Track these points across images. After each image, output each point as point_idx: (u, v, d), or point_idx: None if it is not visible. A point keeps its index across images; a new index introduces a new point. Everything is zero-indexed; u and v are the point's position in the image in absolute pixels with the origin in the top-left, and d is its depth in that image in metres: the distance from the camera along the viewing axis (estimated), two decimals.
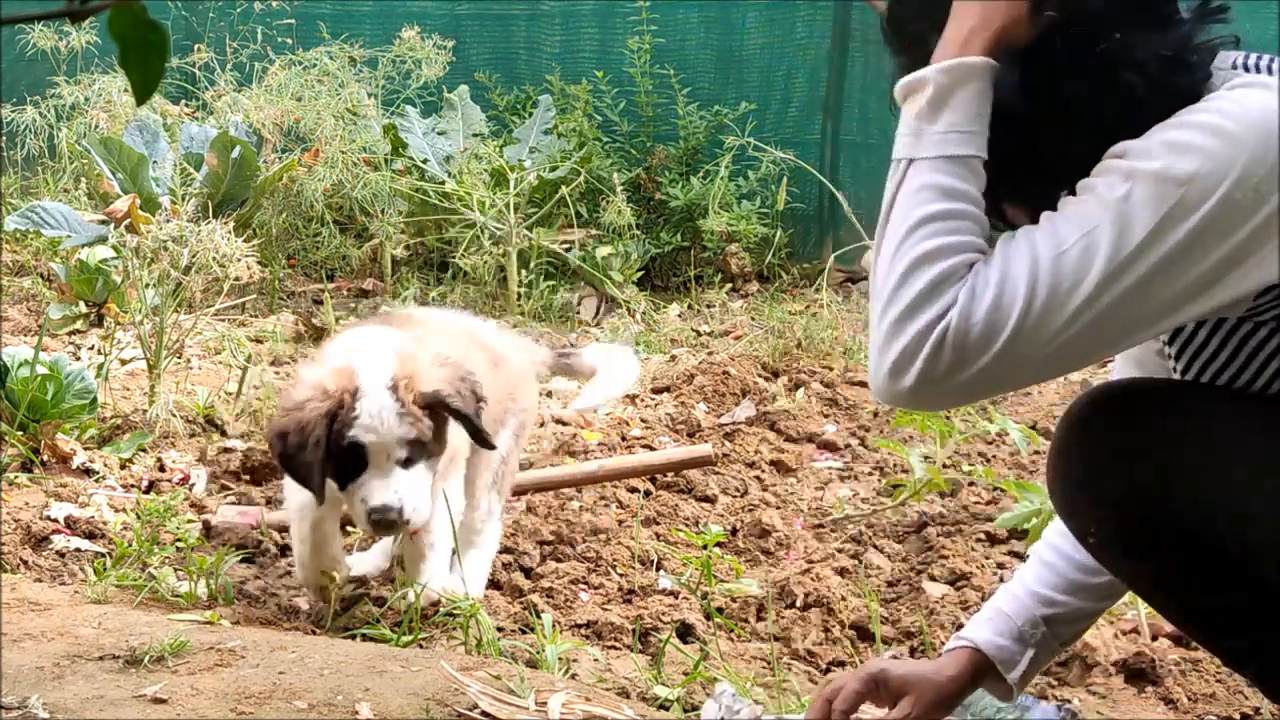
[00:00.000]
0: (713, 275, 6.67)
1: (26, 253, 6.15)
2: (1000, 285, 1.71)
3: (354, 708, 2.30)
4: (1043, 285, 1.70)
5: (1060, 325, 1.71)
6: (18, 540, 3.17)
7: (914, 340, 1.72)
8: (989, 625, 2.20)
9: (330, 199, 6.43)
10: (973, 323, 1.70)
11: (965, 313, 1.71)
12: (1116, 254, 1.70)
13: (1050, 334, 1.71)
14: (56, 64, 7.01)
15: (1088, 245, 1.70)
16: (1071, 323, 1.71)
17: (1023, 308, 1.70)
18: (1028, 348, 1.71)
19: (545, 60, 7.39)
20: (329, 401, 2.67)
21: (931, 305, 1.72)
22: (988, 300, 1.71)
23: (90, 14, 1.09)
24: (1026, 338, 1.71)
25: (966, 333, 1.71)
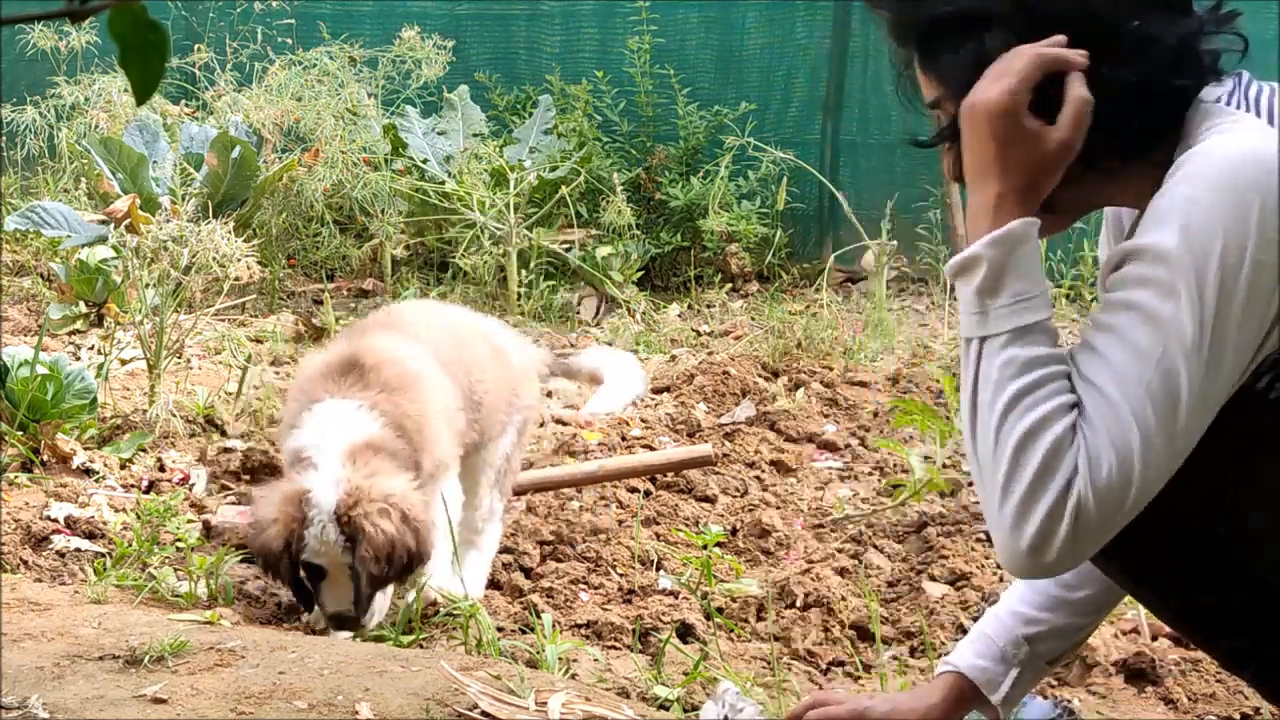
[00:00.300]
0: (713, 275, 6.67)
1: (26, 253, 6.15)
2: (1114, 442, 1.73)
3: (354, 708, 2.30)
4: (1149, 424, 1.73)
5: (1177, 445, 1.75)
6: (18, 540, 3.17)
7: (1048, 518, 1.74)
8: (970, 648, 2.20)
9: (330, 199, 6.43)
10: (1103, 486, 1.73)
11: (1091, 479, 1.73)
12: (1192, 364, 1.72)
13: (1171, 456, 1.75)
14: (56, 64, 7.01)
15: (1166, 369, 1.72)
16: (1184, 434, 1.74)
17: (1141, 453, 1.73)
18: (1155, 476, 1.75)
19: (545, 60, 7.39)
20: (282, 530, 2.83)
21: (1054, 479, 1.74)
22: (1109, 460, 1.73)
23: (90, 14, 1.09)
24: (1153, 474, 1.74)
25: (1101, 497, 1.73)
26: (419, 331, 3.23)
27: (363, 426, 2.90)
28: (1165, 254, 1.73)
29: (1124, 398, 1.74)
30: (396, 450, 2.92)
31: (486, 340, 3.41)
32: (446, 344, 3.24)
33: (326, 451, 2.85)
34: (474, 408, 3.23)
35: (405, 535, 2.81)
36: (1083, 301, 6.38)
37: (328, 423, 2.91)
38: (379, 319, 3.33)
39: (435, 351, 3.17)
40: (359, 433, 2.89)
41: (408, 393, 2.99)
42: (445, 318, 3.45)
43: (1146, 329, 1.74)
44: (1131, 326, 1.75)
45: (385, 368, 3.00)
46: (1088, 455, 1.73)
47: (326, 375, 3.00)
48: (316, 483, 2.82)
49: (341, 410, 2.92)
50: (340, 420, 2.91)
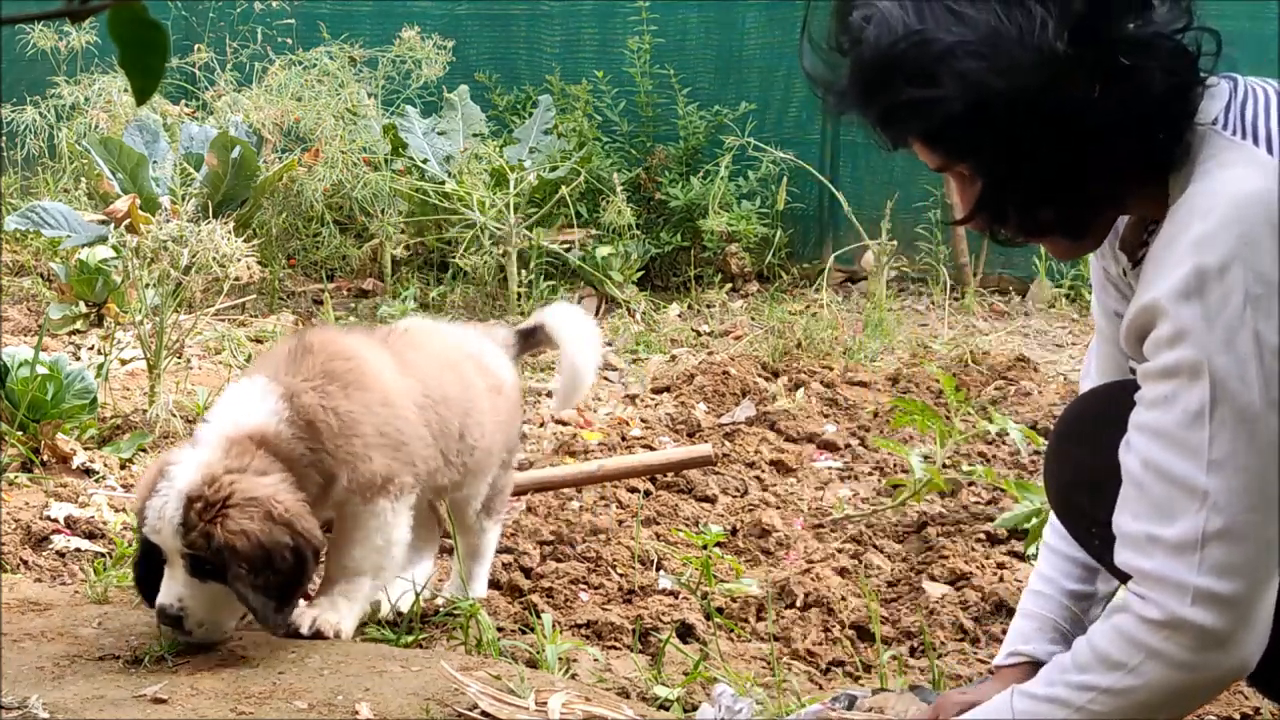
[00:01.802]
0: (713, 275, 6.67)
1: (26, 253, 6.15)
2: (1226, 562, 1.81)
3: (354, 708, 2.30)
4: (1230, 521, 1.80)
5: (1268, 520, 1.81)
6: (18, 540, 3.17)
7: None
8: (1039, 636, 2.25)
9: (330, 199, 6.43)
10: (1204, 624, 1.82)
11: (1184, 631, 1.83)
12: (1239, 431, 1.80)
13: (1266, 535, 1.82)
14: (56, 64, 7.01)
15: (1232, 464, 1.80)
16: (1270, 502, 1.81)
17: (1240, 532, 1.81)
18: (1262, 555, 1.83)
19: (545, 60, 7.38)
20: (138, 497, 2.63)
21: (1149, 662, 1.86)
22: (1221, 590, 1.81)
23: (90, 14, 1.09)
24: (1257, 560, 1.82)
25: (1206, 630, 1.82)
26: (412, 359, 2.91)
27: (258, 414, 2.61)
28: (1187, 331, 1.78)
29: (1204, 501, 1.80)
30: (290, 451, 2.60)
31: (485, 372, 3.09)
32: (444, 377, 2.94)
33: (211, 433, 2.58)
34: (464, 450, 2.93)
35: (276, 533, 2.48)
36: (1082, 301, 6.39)
37: (231, 402, 2.66)
38: (381, 334, 3.02)
39: (424, 380, 2.86)
40: (251, 420, 2.60)
41: (347, 391, 2.68)
42: (440, 342, 3.10)
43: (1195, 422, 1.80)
44: (1177, 430, 1.82)
45: (331, 360, 2.71)
46: (1175, 618, 1.83)
47: (275, 356, 2.79)
48: (182, 458, 2.55)
49: (248, 391, 2.65)
50: (242, 402, 2.64)
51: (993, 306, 6.52)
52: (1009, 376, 5.09)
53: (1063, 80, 1.81)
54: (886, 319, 5.90)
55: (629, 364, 5.49)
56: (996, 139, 1.86)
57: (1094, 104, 1.82)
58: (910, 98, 1.87)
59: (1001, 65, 1.81)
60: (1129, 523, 1.87)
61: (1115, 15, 1.82)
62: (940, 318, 6.26)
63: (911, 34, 1.84)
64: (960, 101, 1.83)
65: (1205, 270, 1.77)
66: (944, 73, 1.82)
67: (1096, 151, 1.86)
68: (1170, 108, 1.85)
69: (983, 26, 1.82)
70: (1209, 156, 1.85)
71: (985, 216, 1.95)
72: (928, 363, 5.25)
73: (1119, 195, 1.95)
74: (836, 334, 5.58)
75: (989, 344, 5.73)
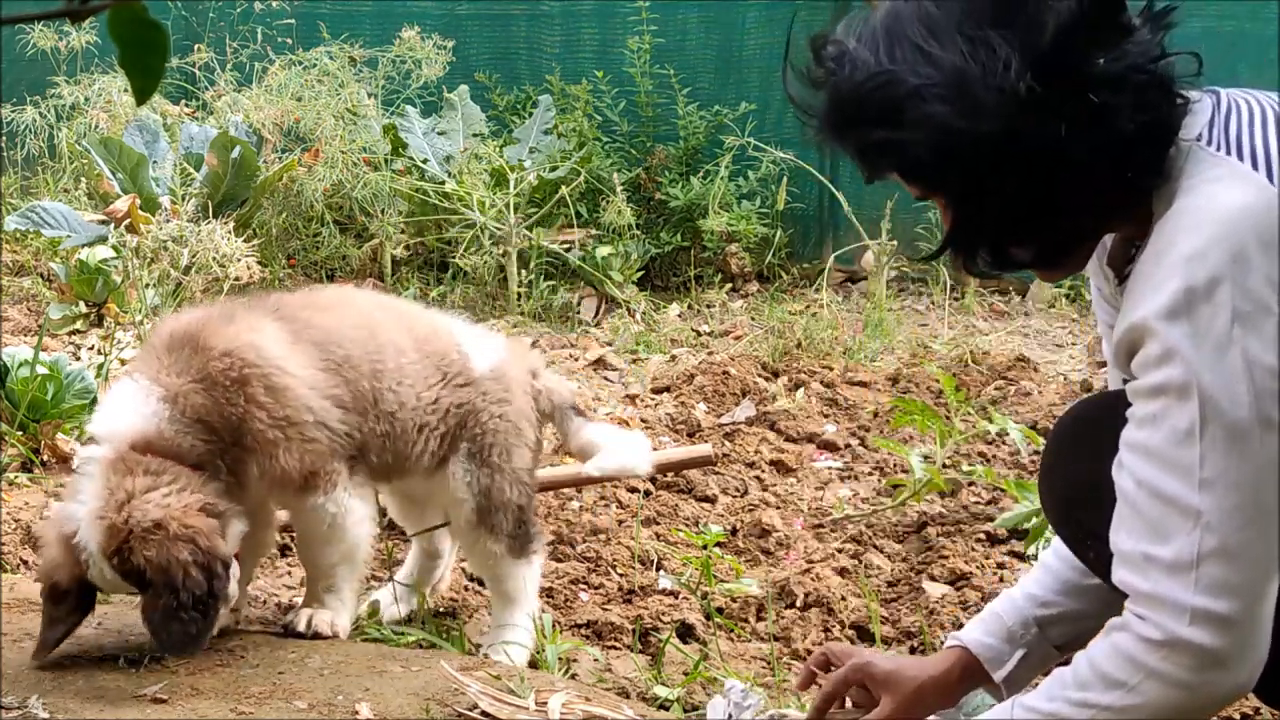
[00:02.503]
0: (713, 275, 6.67)
1: (26, 253, 6.15)
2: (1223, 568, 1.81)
3: (354, 708, 2.30)
4: (1224, 540, 1.80)
5: (1262, 538, 1.81)
6: (18, 540, 3.17)
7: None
8: (980, 625, 2.24)
9: (330, 199, 6.42)
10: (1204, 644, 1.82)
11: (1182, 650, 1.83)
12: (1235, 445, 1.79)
13: (1261, 552, 1.81)
14: (56, 64, 7.00)
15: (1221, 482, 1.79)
16: (1264, 525, 1.81)
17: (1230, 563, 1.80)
18: (1258, 573, 1.82)
19: (545, 60, 7.38)
20: (67, 574, 2.50)
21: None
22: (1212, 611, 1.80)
23: (90, 14, 1.09)
24: (1253, 578, 1.82)
25: (1206, 649, 1.82)
26: (307, 319, 2.70)
27: (144, 419, 2.48)
28: (1175, 352, 1.78)
29: (1199, 520, 1.80)
30: (179, 448, 2.49)
31: (413, 333, 2.82)
32: (347, 337, 2.70)
33: (97, 459, 2.48)
34: (381, 416, 2.70)
35: (178, 552, 2.39)
36: (1082, 301, 6.38)
37: (115, 410, 2.54)
38: (271, 302, 2.76)
39: (323, 344, 2.66)
40: (137, 427, 2.48)
41: (232, 392, 2.54)
42: (358, 307, 2.86)
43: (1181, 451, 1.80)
44: (1169, 447, 1.81)
45: (220, 357, 2.54)
46: (1172, 638, 1.82)
47: (155, 347, 2.59)
48: (81, 519, 2.43)
49: (131, 394, 2.52)
50: (126, 409, 2.51)
51: (993, 306, 6.51)
52: (1009, 376, 5.09)
53: (1026, 122, 1.80)
54: (886, 319, 5.90)
55: (629, 364, 5.49)
56: (963, 179, 1.87)
57: (1061, 143, 1.81)
58: (877, 139, 1.89)
59: (965, 108, 1.81)
60: (1124, 541, 1.88)
61: (1085, 50, 1.81)
62: (940, 318, 6.26)
63: (877, 75, 1.85)
64: (925, 144, 1.84)
65: (1193, 288, 1.76)
66: (908, 116, 1.83)
67: (1065, 190, 1.86)
68: (1141, 145, 1.84)
69: (948, 67, 1.81)
70: (1194, 173, 1.84)
71: (956, 252, 1.95)
72: (928, 363, 5.25)
73: (1093, 227, 1.96)
74: (836, 334, 5.58)
75: (989, 344, 5.73)
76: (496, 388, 2.86)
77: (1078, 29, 1.81)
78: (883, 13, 1.90)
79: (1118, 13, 1.85)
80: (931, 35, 1.83)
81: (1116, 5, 1.85)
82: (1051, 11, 1.81)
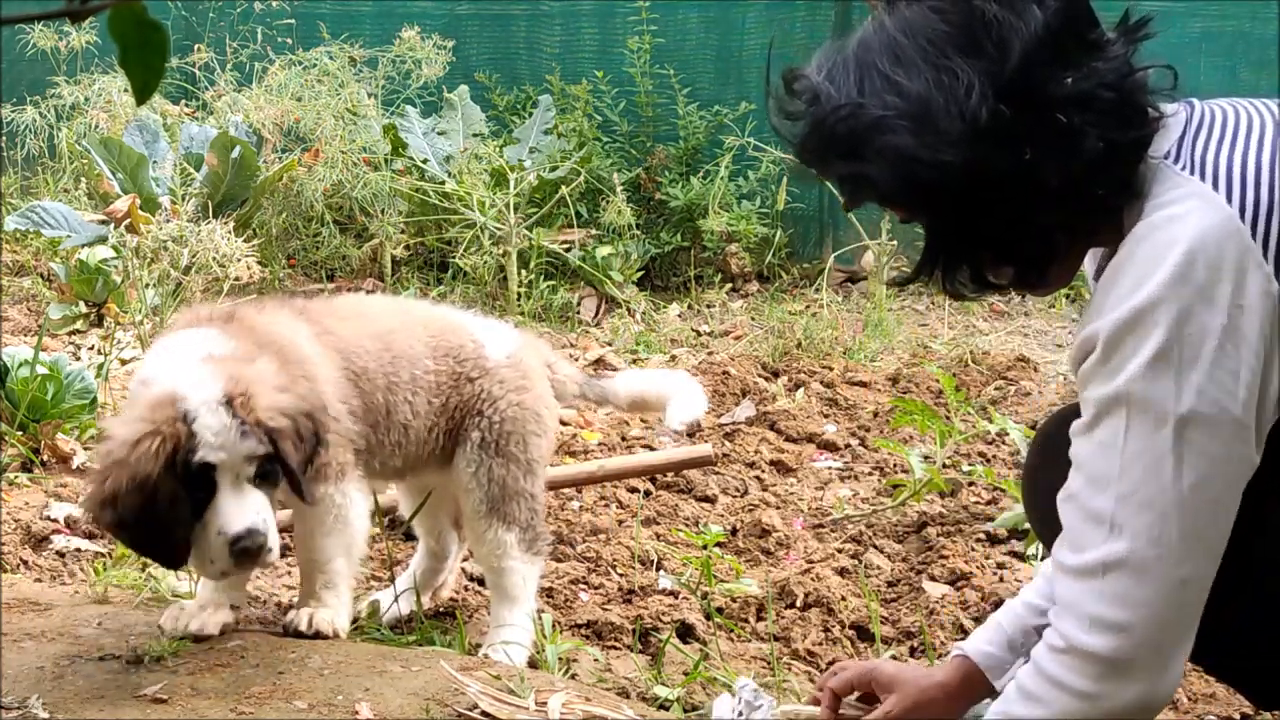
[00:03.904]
0: (713, 275, 6.67)
1: (26, 253, 6.15)
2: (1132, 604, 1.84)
3: (354, 708, 2.30)
4: (1131, 553, 1.82)
5: (1176, 558, 1.82)
6: (18, 540, 3.17)
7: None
8: (982, 634, 2.25)
9: (330, 199, 6.42)
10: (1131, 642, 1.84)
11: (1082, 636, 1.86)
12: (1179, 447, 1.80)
13: (1175, 574, 1.82)
14: (56, 64, 7.00)
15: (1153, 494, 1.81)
16: (1197, 531, 1.82)
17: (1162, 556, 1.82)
18: (1169, 594, 1.84)
19: (545, 60, 7.38)
20: (156, 439, 2.27)
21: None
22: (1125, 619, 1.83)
23: (90, 14, 1.09)
24: (1162, 597, 1.83)
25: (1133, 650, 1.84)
26: (329, 326, 2.70)
27: (221, 345, 2.44)
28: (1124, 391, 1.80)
29: (1164, 529, 1.81)
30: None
31: (429, 337, 2.82)
32: (361, 349, 2.71)
33: (182, 361, 2.38)
34: (394, 428, 2.72)
35: (300, 404, 2.39)
36: (1082, 301, 6.38)
37: (178, 346, 2.44)
38: (298, 305, 2.75)
39: (344, 354, 2.67)
40: (218, 349, 2.42)
41: (285, 363, 2.52)
42: (374, 318, 2.83)
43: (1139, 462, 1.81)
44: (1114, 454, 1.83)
45: (258, 330, 2.54)
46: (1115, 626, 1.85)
47: (187, 320, 2.55)
48: (183, 380, 2.32)
49: (194, 336, 2.45)
50: (194, 342, 2.44)
51: (993, 306, 6.51)
52: (1009, 376, 5.09)
53: (990, 148, 1.81)
54: (886, 319, 5.90)
55: (629, 364, 5.49)
56: (929, 208, 1.89)
57: (1028, 166, 1.82)
58: (845, 172, 1.91)
59: (928, 137, 1.82)
60: (1055, 551, 1.92)
61: (1052, 71, 1.81)
62: (940, 318, 6.26)
63: (841, 109, 1.86)
64: (887, 175, 1.85)
65: (1139, 307, 1.78)
66: (871, 148, 1.85)
67: (1035, 211, 1.86)
68: (1111, 163, 1.84)
69: (912, 94, 1.83)
70: (1158, 194, 1.85)
71: (933, 275, 1.96)
72: (928, 363, 5.25)
73: (1068, 245, 1.96)
74: (836, 334, 5.58)
75: (989, 344, 5.74)
76: (513, 375, 2.86)
77: (1044, 50, 1.81)
78: (854, 43, 1.91)
79: (1087, 31, 1.85)
80: (898, 64, 1.85)
81: (1085, 23, 1.85)
82: (1016, 35, 1.81)
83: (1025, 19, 1.81)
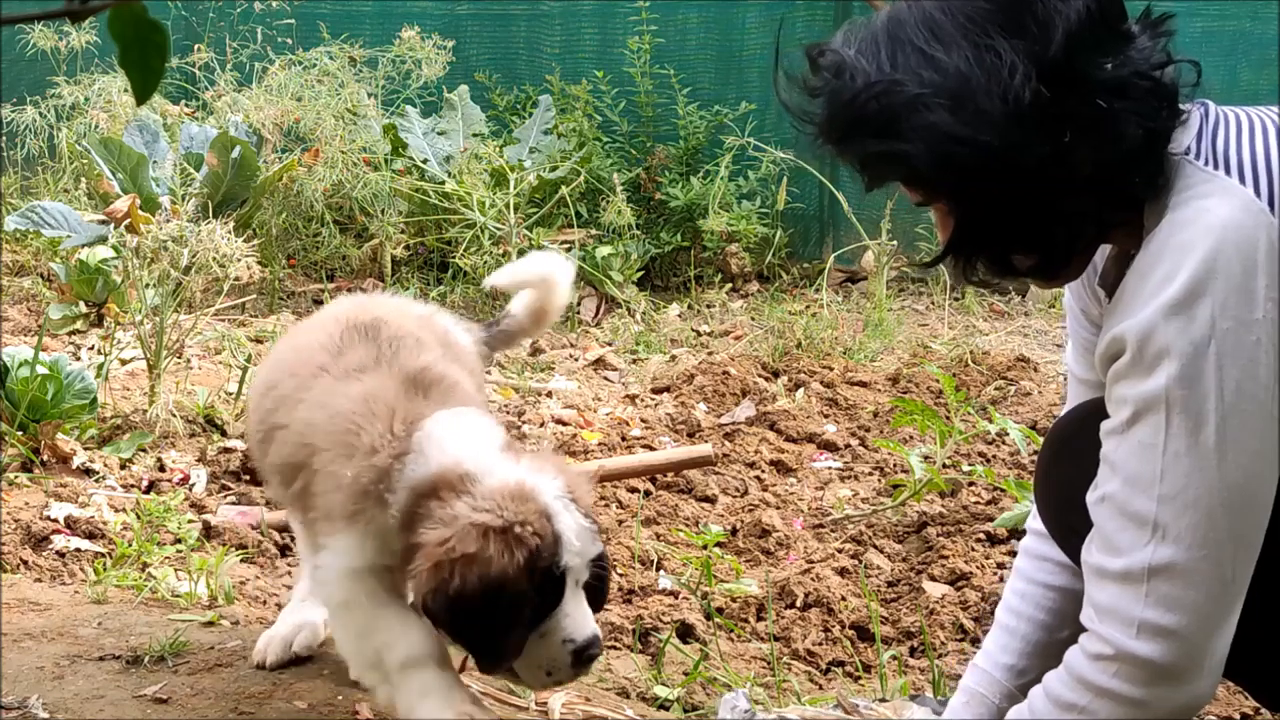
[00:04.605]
0: (713, 275, 6.67)
1: (26, 253, 6.15)
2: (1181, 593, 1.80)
3: (354, 708, 2.30)
4: (1177, 555, 1.79)
5: (1220, 558, 1.80)
6: (18, 540, 3.17)
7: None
8: (969, 710, 2.23)
9: (330, 199, 6.43)
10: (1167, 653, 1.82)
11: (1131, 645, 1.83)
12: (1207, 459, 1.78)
13: (1219, 573, 1.80)
14: (56, 64, 7.00)
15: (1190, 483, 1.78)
16: (1239, 527, 1.80)
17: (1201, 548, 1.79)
18: (1214, 593, 1.81)
19: (545, 60, 7.39)
20: (519, 537, 2.04)
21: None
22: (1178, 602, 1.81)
23: (90, 14, 1.09)
24: (1207, 597, 1.81)
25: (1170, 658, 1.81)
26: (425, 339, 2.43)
27: (495, 430, 2.21)
28: (1161, 389, 1.77)
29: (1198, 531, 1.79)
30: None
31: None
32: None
33: (486, 452, 2.13)
34: None
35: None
36: None
37: (460, 431, 2.16)
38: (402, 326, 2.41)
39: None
40: (498, 435, 2.20)
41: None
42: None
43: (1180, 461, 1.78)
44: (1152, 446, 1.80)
45: (452, 388, 2.28)
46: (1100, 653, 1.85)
47: (396, 396, 2.20)
48: (525, 472, 2.10)
49: (463, 418, 2.19)
50: (471, 426, 2.19)
51: (993, 306, 6.51)
52: (1009, 376, 5.09)
53: (1031, 130, 1.78)
54: (886, 319, 5.90)
55: (629, 364, 5.49)
56: (965, 188, 1.85)
57: (1066, 151, 1.79)
58: (876, 150, 1.86)
59: (967, 117, 1.78)
60: (1087, 554, 1.88)
61: (1092, 55, 1.79)
62: (940, 318, 6.26)
63: (875, 85, 1.82)
64: (925, 154, 1.81)
65: (1174, 304, 1.75)
66: (908, 125, 1.80)
67: (1069, 198, 1.83)
68: (1145, 152, 1.82)
69: (952, 72, 1.79)
70: (1183, 188, 1.82)
71: (957, 259, 1.93)
72: (928, 363, 5.25)
73: (1095, 237, 1.93)
74: (836, 334, 5.58)
75: (989, 344, 5.74)
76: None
77: (1085, 33, 1.78)
78: (884, 18, 1.86)
79: (1121, 19, 1.83)
80: (935, 39, 1.80)
81: (1120, 11, 1.84)
82: (1059, 16, 1.78)
83: (1067, 1, 1.79)
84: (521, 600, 2.03)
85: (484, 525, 2.02)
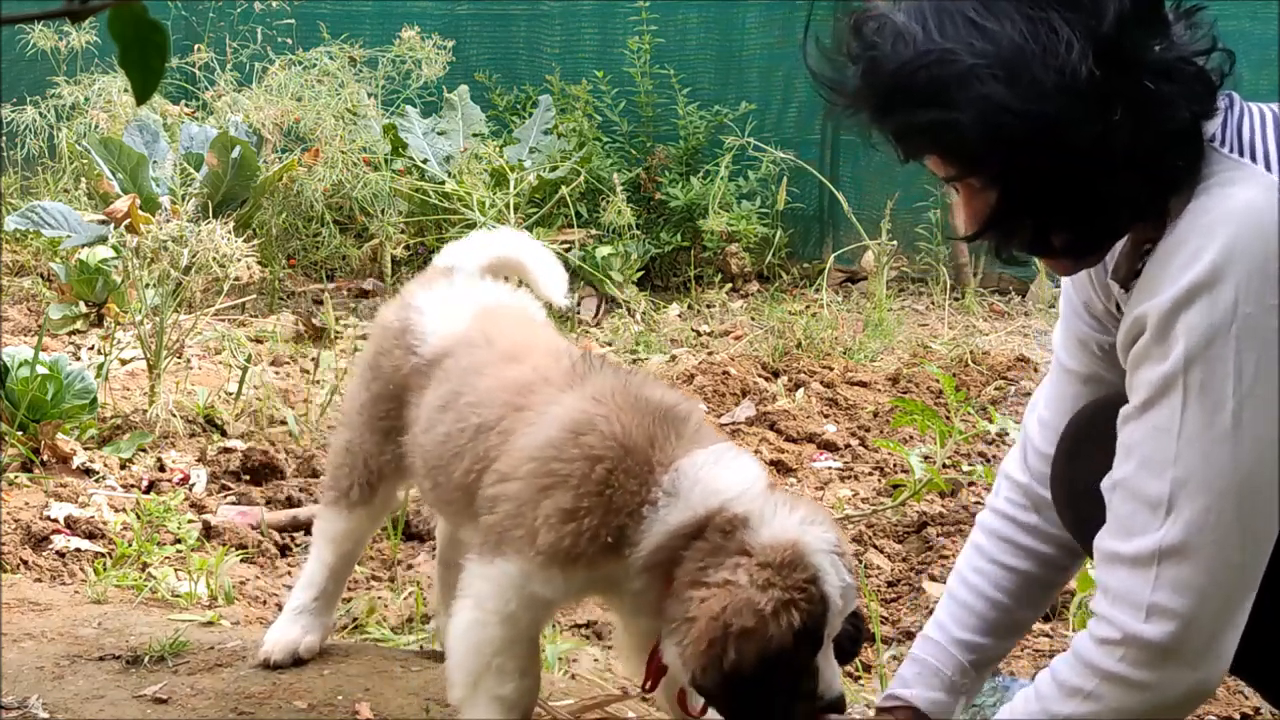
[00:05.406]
0: (713, 275, 6.67)
1: (26, 253, 6.15)
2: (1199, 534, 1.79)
3: (354, 708, 2.30)
4: (1188, 539, 1.78)
5: (1232, 544, 1.79)
6: (18, 540, 3.17)
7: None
8: (921, 681, 2.21)
9: (330, 199, 6.43)
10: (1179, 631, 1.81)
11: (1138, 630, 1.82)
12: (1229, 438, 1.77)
13: (1231, 559, 1.80)
14: (56, 64, 7.01)
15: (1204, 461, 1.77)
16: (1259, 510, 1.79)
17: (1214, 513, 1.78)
18: (1224, 578, 1.81)
19: (545, 60, 7.39)
20: (796, 609, 1.96)
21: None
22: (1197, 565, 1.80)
23: (90, 14, 1.09)
24: (1217, 582, 1.80)
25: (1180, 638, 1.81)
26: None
27: (755, 469, 2.12)
28: (1178, 364, 1.76)
29: (1209, 491, 1.78)
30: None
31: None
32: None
33: (757, 499, 2.05)
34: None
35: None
36: None
37: (726, 467, 2.08)
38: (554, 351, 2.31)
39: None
40: (758, 475, 2.11)
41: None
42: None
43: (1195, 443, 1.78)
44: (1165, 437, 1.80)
45: (696, 426, 2.17)
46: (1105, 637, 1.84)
47: (640, 437, 2.07)
48: (798, 529, 2.02)
49: (724, 453, 2.10)
50: (732, 463, 2.09)
51: (993, 306, 6.52)
52: (1009, 376, 5.09)
53: (1084, 106, 1.75)
54: (886, 319, 5.90)
55: (629, 364, 5.49)
56: (1013, 162, 1.80)
57: (1115, 130, 1.76)
58: (924, 120, 1.80)
59: (1022, 88, 1.74)
60: (1100, 540, 1.87)
61: (1141, 37, 1.77)
62: (940, 318, 6.26)
63: (927, 53, 1.77)
64: (977, 126, 1.76)
65: (1196, 287, 1.74)
66: (960, 95, 1.76)
67: (1114, 178, 1.81)
68: (1191, 136, 1.81)
69: (1005, 43, 1.75)
70: (1209, 175, 1.81)
71: (996, 235, 1.89)
72: (928, 363, 5.25)
73: (1133, 217, 1.90)
74: (836, 334, 5.58)
75: (989, 344, 5.74)
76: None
77: (1135, 13, 1.76)
78: None
79: (1162, 3, 1.82)
80: (988, 12, 1.76)
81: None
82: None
83: None
84: (797, 670, 1.98)
85: (765, 600, 1.95)
